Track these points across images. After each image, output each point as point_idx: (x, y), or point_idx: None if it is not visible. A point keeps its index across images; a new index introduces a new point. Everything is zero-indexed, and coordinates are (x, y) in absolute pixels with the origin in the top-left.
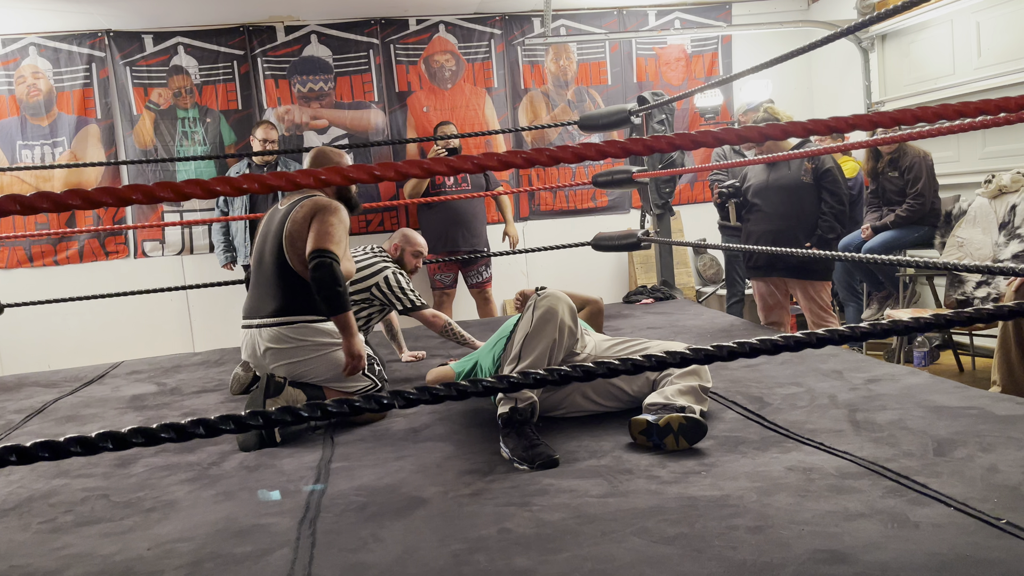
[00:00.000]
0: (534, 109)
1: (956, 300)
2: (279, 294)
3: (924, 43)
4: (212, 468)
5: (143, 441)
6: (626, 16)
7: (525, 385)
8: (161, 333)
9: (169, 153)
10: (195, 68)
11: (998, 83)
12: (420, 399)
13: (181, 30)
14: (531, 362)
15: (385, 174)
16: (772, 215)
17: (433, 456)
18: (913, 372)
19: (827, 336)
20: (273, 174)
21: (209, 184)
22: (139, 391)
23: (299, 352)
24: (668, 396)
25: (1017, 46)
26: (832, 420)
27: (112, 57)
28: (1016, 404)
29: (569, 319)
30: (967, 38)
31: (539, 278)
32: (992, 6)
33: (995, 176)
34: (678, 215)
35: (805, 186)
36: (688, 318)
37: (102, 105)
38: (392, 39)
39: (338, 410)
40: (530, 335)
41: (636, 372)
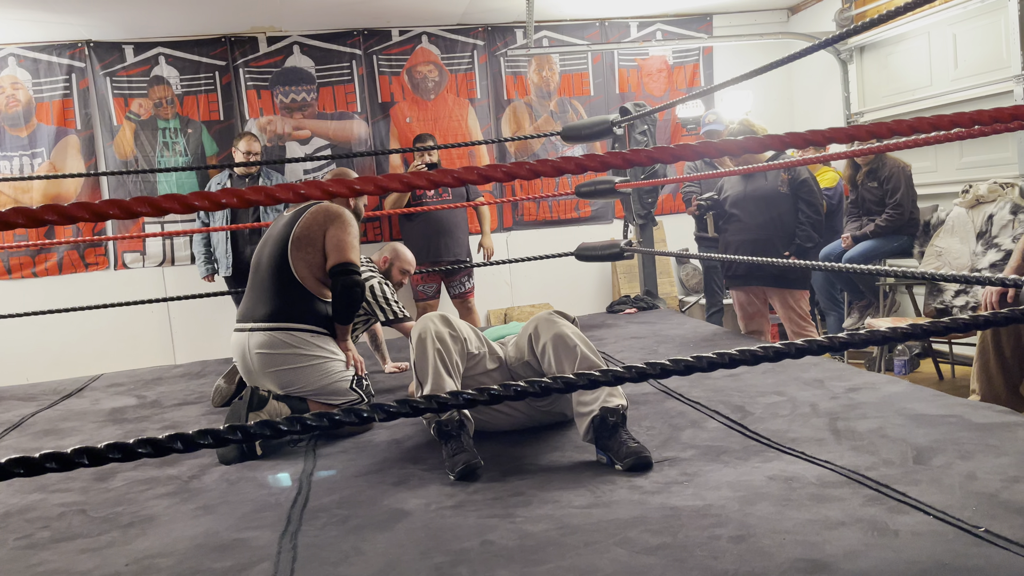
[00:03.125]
0: (517, 120)
1: (935, 309)
2: (275, 299)
3: (902, 55)
4: (192, 482)
5: (120, 457)
6: (608, 28)
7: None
8: (141, 345)
9: (150, 164)
10: (176, 79)
11: (975, 94)
12: (400, 412)
13: (162, 40)
14: (432, 381)
15: (365, 188)
16: (750, 225)
17: (416, 468)
18: (893, 381)
19: (806, 346)
20: (252, 188)
21: (187, 199)
22: (119, 404)
23: (289, 359)
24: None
25: (993, 58)
26: (813, 429)
27: (92, 67)
28: (994, 412)
29: (442, 326)
30: (944, 50)
31: (522, 288)
32: (968, 19)
33: (972, 186)
34: (660, 225)
35: (782, 196)
36: (671, 327)
37: (82, 116)
38: (375, 50)
39: (318, 424)
40: (416, 360)
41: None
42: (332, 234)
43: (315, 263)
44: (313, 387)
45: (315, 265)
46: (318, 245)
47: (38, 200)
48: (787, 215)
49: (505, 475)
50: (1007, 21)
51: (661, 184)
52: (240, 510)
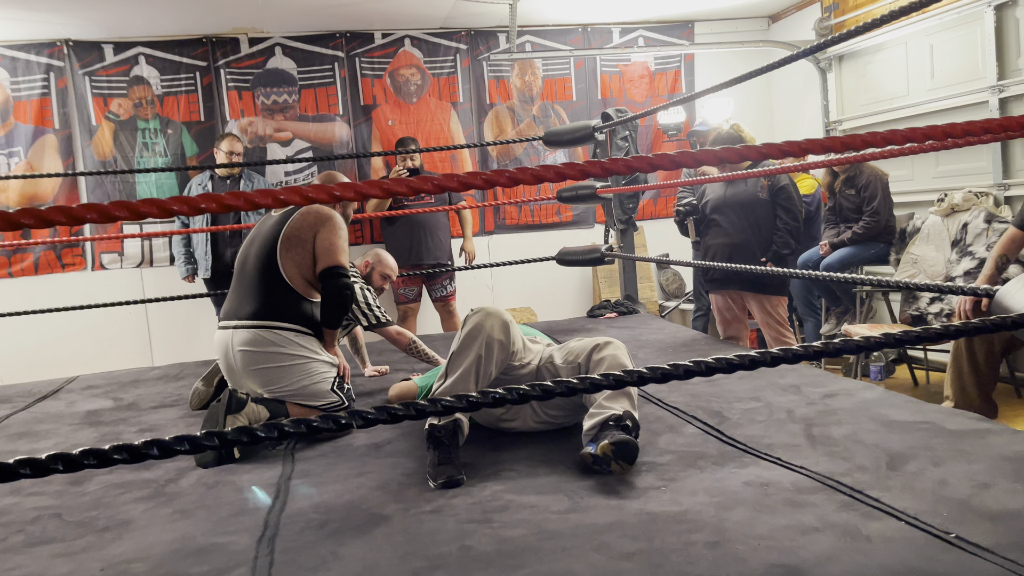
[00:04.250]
0: (499, 124)
1: (911, 316)
2: (261, 298)
3: (880, 64)
4: (169, 486)
5: (95, 463)
6: (591, 33)
7: (458, 409)
8: (119, 347)
9: (129, 164)
10: (156, 79)
11: (950, 104)
12: (379, 419)
13: (142, 40)
14: (456, 379)
15: (345, 194)
16: (729, 230)
17: (395, 472)
18: (868, 387)
19: (781, 355)
20: (231, 194)
21: (166, 203)
22: (95, 407)
23: (272, 358)
24: (598, 409)
25: (969, 68)
26: (789, 435)
27: (71, 67)
28: (967, 419)
29: (499, 333)
30: (921, 60)
31: (504, 292)
32: (944, 29)
33: (947, 195)
34: (641, 230)
35: (761, 202)
36: (651, 332)
37: (60, 115)
38: (358, 52)
39: (295, 430)
40: (456, 352)
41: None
42: (322, 236)
43: (304, 264)
44: (294, 387)
45: (304, 266)
46: (308, 246)
47: (15, 199)
48: (766, 221)
49: (485, 479)
50: (982, 33)
51: (642, 190)
52: (217, 514)
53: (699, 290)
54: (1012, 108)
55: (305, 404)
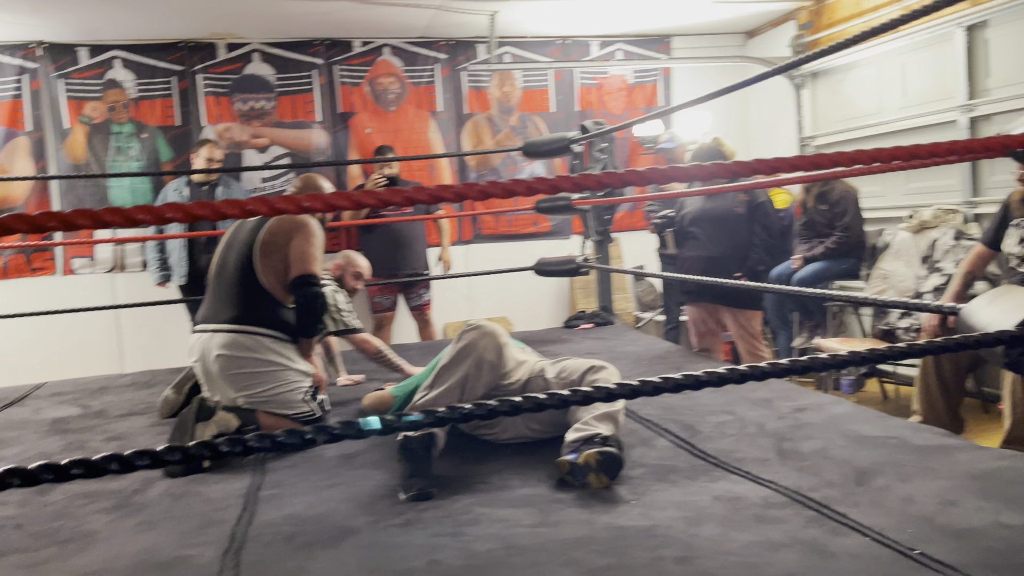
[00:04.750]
0: (478, 134)
1: (881, 330)
2: (239, 303)
3: (853, 82)
4: (135, 496)
5: (52, 477)
6: (570, 46)
7: (433, 424)
8: (88, 353)
9: (102, 168)
10: (132, 83)
11: (921, 123)
12: (345, 434)
13: (118, 44)
14: (440, 393)
15: (314, 205)
16: (706, 243)
17: (366, 484)
18: (838, 401)
19: (750, 372)
20: (198, 204)
21: (131, 212)
22: (62, 414)
23: (250, 363)
24: (585, 425)
25: (940, 88)
26: (760, 449)
27: (45, 69)
28: (933, 435)
29: (491, 355)
30: (892, 79)
31: (480, 302)
32: (916, 50)
33: (917, 212)
34: (617, 242)
35: (738, 217)
36: (625, 344)
37: (32, 117)
38: (336, 60)
39: (260, 445)
40: (446, 366)
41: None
42: (296, 244)
43: (280, 271)
44: (268, 394)
45: (280, 272)
46: (282, 253)
47: None
48: (742, 236)
49: (456, 492)
50: (953, 53)
51: (618, 202)
52: (183, 526)
53: (669, 303)
54: (981, 128)
55: (277, 412)
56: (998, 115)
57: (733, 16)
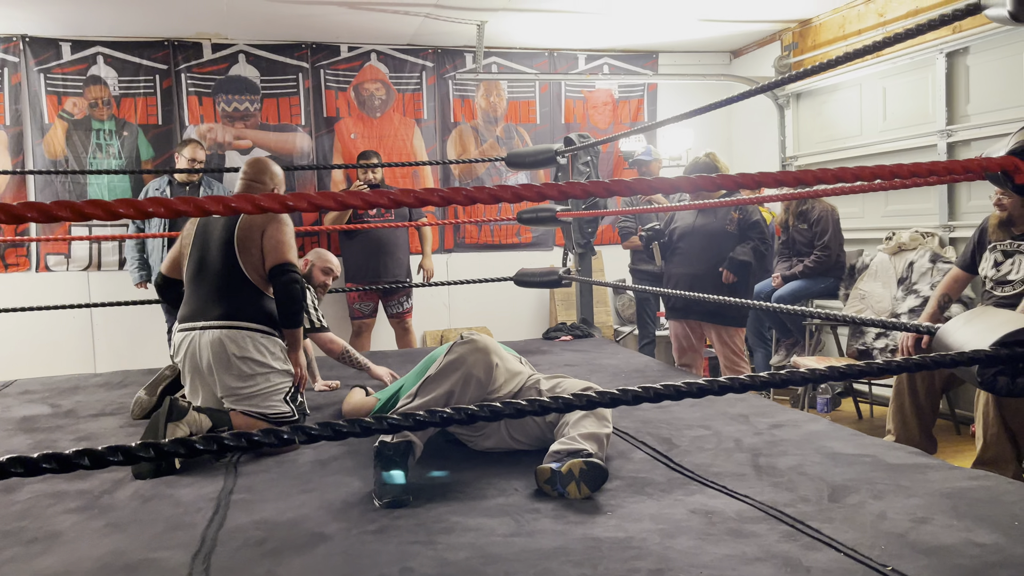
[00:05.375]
0: (463, 143)
1: (857, 350)
2: (227, 299)
3: (835, 104)
4: (103, 497)
5: (22, 471)
6: (557, 58)
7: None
8: (60, 351)
9: (81, 165)
10: (114, 80)
11: (901, 146)
12: (322, 435)
13: (102, 40)
14: (423, 403)
15: (298, 204)
16: (694, 259)
17: (339, 491)
18: (814, 419)
19: (729, 384)
20: (180, 199)
21: (112, 206)
22: (31, 412)
23: (240, 361)
24: (571, 440)
25: (919, 112)
26: (736, 464)
27: (26, 63)
28: (906, 454)
29: (480, 371)
30: (874, 102)
31: (461, 311)
32: (898, 74)
33: (895, 234)
34: (599, 255)
35: (729, 235)
36: (604, 357)
37: (12, 111)
38: (323, 64)
39: (236, 444)
40: (433, 377)
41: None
42: (269, 235)
43: (258, 263)
44: (252, 391)
45: (258, 265)
46: (258, 244)
47: None
48: (728, 253)
49: (431, 500)
50: (934, 79)
51: (601, 215)
52: (152, 529)
53: (644, 319)
54: (960, 153)
55: (255, 412)
56: (976, 141)
57: (719, 35)
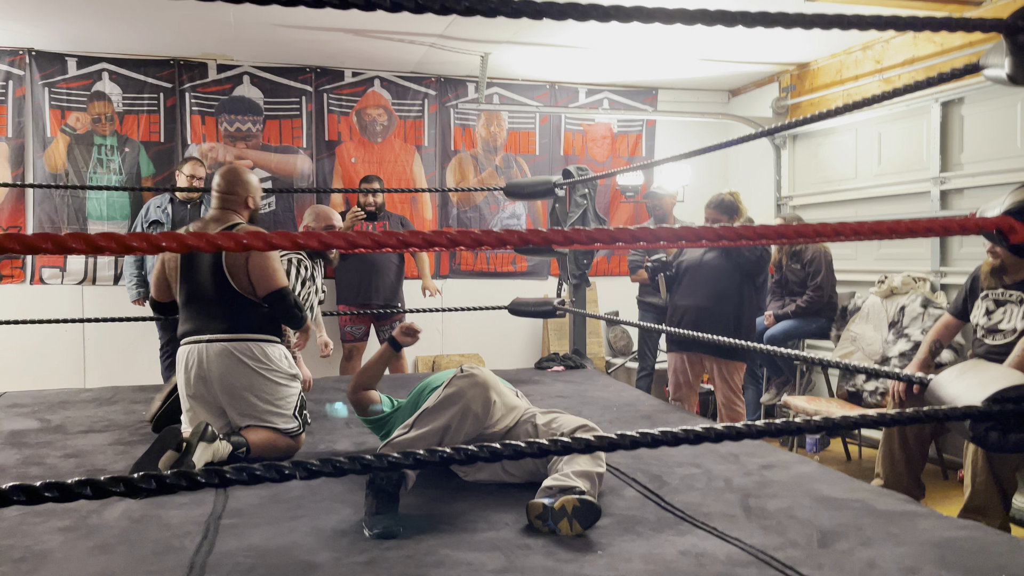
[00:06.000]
0: (462, 170)
1: (847, 391)
2: (226, 314)
3: (831, 147)
4: (92, 516)
5: (24, 499)
6: (558, 91)
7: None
8: (50, 365)
9: (81, 179)
10: (119, 96)
11: (895, 191)
12: (322, 471)
13: (108, 56)
14: (420, 435)
15: (282, 244)
16: (699, 293)
17: (330, 518)
18: (804, 461)
19: (724, 432)
20: (163, 235)
21: (125, 239)
22: (19, 426)
23: (247, 371)
24: (564, 476)
25: (914, 159)
26: (726, 504)
27: (31, 76)
28: (896, 500)
29: (478, 406)
30: (869, 147)
31: (454, 337)
32: (893, 120)
33: (888, 277)
34: (594, 286)
35: (735, 271)
36: (596, 389)
37: (14, 124)
38: (326, 88)
39: (236, 478)
40: (430, 409)
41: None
42: (254, 262)
43: (247, 285)
44: (264, 399)
45: (249, 287)
46: (243, 269)
47: None
48: (735, 290)
49: (422, 532)
50: (928, 127)
51: (597, 247)
52: (140, 551)
53: (644, 350)
54: (952, 200)
55: (268, 425)
56: (969, 189)
57: (718, 74)
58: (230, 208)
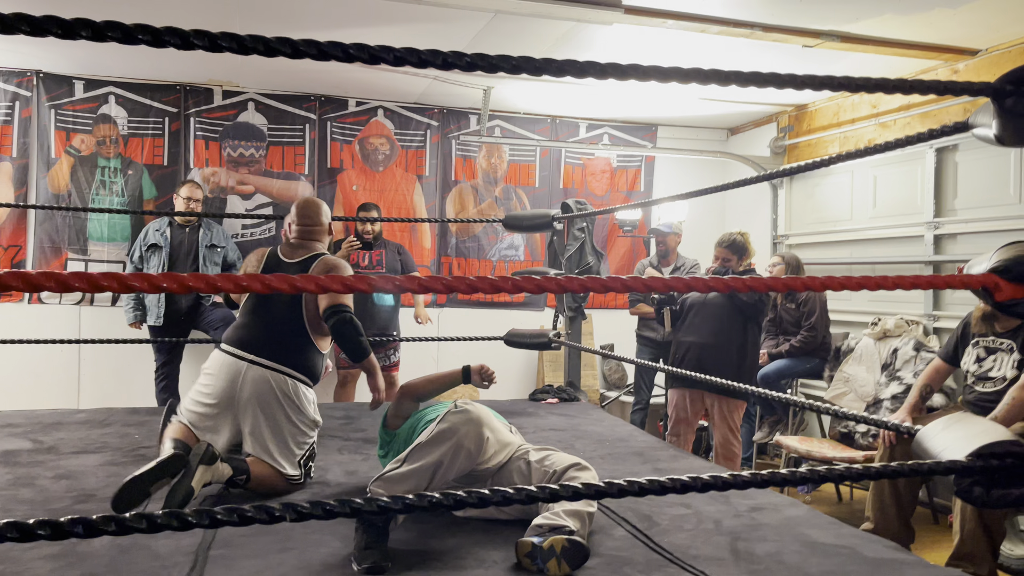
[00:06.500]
0: (462, 201)
1: (839, 432)
2: (282, 340)
3: (827, 187)
4: (81, 544)
5: (17, 536)
6: (559, 125)
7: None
8: (44, 384)
9: (83, 200)
10: (124, 119)
11: (890, 233)
12: (312, 514)
13: (115, 80)
14: (411, 471)
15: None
16: (704, 330)
17: (318, 551)
18: (794, 503)
19: (711, 482)
20: (164, 275)
21: (126, 279)
22: (12, 446)
23: (277, 403)
24: (555, 515)
25: (908, 202)
26: (715, 547)
27: (38, 98)
28: (884, 547)
29: (471, 443)
30: (865, 189)
31: (448, 365)
32: (889, 164)
33: (881, 319)
34: (590, 318)
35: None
36: (590, 423)
37: (19, 144)
38: (330, 116)
39: (227, 519)
40: (423, 445)
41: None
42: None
43: (314, 312)
44: (280, 440)
45: (314, 315)
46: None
47: None
48: (739, 327)
49: (410, 567)
50: (923, 172)
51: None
52: None
53: (640, 384)
54: (946, 245)
55: (273, 464)
56: (963, 235)
57: (717, 113)
58: (313, 238)
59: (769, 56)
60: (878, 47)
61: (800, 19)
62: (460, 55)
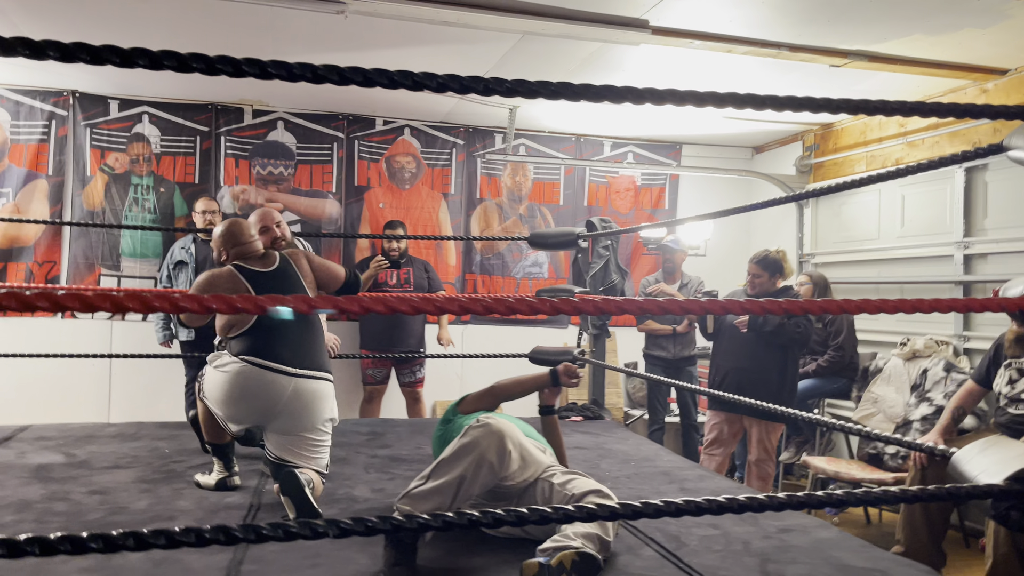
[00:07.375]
0: (487, 218)
1: (868, 453)
2: (316, 348)
3: (854, 207)
4: (115, 558)
5: (69, 548)
6: (583, 143)
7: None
8: (75, 398)
9: (117, 217)
10: (157, 138)
11: (918, 253)
12: (327, 532)
13: (149, 100)
14: (436, 487)
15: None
16: (741, 353)
17: (348, 568)
18: (824, 525)
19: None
20: (184, 296)
21: (177, 300)
22: (45, 460)
23: (326, 405)
24: (564, 537)
25: (937, 222)
26: (744, 569)
27: (74, 117)
28: (917, 571)
29: (493, 455)
30: (892, 208)
31: (473, 383)
32: (917, 183)
33: (910, 340)
34: (614, 337)
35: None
36: (614, 441)
37: (55, 162)
38: (357, 135)
39: (244, 537)
40: (446, 459)
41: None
42: (316, 263)
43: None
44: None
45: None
46: (311, 277)
47: None
48: (777, 351)
49: None
50: (952, 191)
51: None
52: None
53: (655, 404)
54: (976, 265)
55: (308, 456)
56: (993, 255)
57: (742, 132)
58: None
59: (795, 75)
60: (906, 67)
61: (827, 39)
62: (478, 79)
